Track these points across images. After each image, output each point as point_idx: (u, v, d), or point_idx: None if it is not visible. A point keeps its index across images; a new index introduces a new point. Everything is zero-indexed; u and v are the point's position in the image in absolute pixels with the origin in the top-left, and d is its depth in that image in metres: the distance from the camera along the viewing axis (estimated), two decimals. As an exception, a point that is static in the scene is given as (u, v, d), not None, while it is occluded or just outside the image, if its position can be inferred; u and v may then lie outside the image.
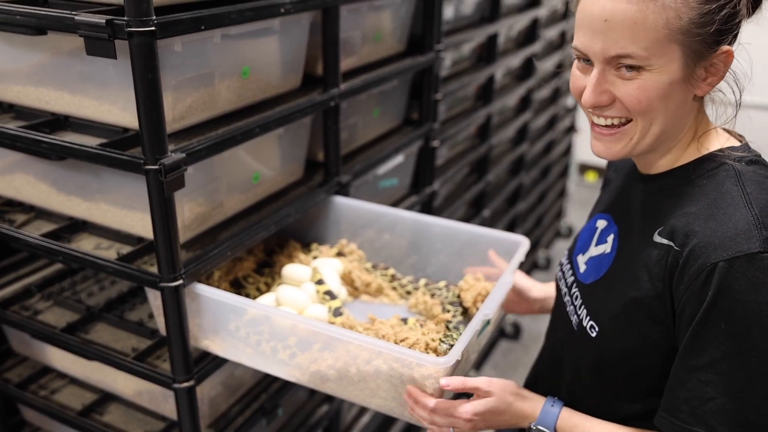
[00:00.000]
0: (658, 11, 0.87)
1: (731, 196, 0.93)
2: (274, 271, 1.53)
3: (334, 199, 1.64)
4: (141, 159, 1.12)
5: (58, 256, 1.32)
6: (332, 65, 1.54)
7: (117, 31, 1.04)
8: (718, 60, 0.93)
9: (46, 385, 1.60)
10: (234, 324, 1.25)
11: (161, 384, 1.30)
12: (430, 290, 1.49)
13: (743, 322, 0.87)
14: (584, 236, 1.21)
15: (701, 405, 0.90)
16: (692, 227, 0.93)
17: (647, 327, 0.99)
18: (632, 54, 0.90)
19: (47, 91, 1.30)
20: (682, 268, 0.92)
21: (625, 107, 0.94)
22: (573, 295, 1.16)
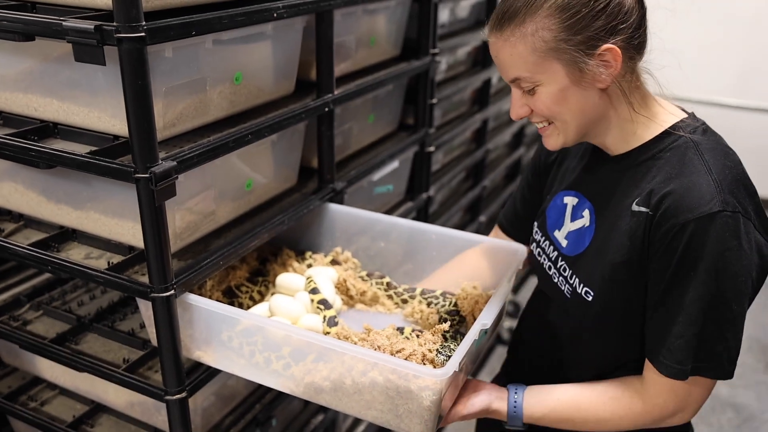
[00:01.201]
0: (524, 41, 1.07)
1: (693, 164, 1.10)
2: (267, 279, 1.51)
3: (329, 207, 1.62)
4: (131, 167, 1.09)
5: (47, 266, 1.29)
6: (326, 70, 1.52)
7: (106, 37, 1.01)
8: (605, 57, 1.07)
9: (35, 396, 1.57)
10: (227, 334, 1.23)
11: (153, 396, 1.28)
12: (427, 299, 1.46)
13: (708, 270, 1.05)
14: (553, 213, 1.32)
15: (674, 341, 1.09)
16: (663, 194, 1.09)
17: (635, 284, 1.14)
18: (520, 77, 1.11)
19: (35, 97, 1.28)
20: (655, 228, 1.09)
21: (539, 115, 1.15)
22: (560, 267, 1.27)
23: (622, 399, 1.18)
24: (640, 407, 1.16)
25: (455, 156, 2.65)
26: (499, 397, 1.23)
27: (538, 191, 1.43)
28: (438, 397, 1.08)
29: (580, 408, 1.20)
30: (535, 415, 1.22)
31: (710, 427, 2.93)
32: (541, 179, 1.42)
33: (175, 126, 1.23)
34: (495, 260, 1.46)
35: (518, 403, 1.22)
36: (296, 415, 1.75)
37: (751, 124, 4.74)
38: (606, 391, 1.20)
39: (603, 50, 1.06)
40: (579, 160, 1.31)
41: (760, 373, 3.27)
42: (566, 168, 1.35)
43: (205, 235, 1.37)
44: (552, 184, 1.37)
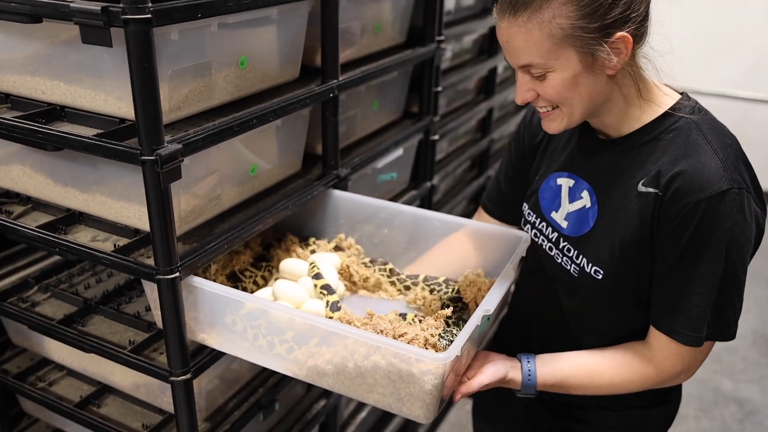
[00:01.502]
0: (541, 27, 1.07)
1: (698, 145, 1.15)
2: (271, 265, 1.52)
3: (333, 193, 1.63)
4: (137, 150, 1.10)
5: (54, 248, 1.31)
6: (331, 56, 1.52)
7: (112, 19, 1.03)
8: (617, 45, 1.09)
9: (44, 376, 1.59)
10: (231, 318, 1.24)
11: (158, 377, 1.30)
12: (430, 286, 1.47)
13: (720, 244, 1.12)
14: (547, 195, 1.36)
15: (690, 311, 1.16)
16: (672, 175, 1.14)
17: (644, 261, 1.20)
18: (532, 63, 1.11)
19: (43, 80, 1.29)
20: (666, 208, 1.14)
21: (546, 100, 1.17)
22: (563, 248, 1.31)
23: (633, 364, 1.24)
24: (651, 371, 1.23)
25: (460, 145, 2.65)
26: (513, 367, 1.26)
27: (523, 173, 1.45)
28: (440, 381, 1.09)
29: (592, 374, 1.25)
30: (548, 383, 1.25)
31: (713, 421, 2.92)
32: (525, 161, 1.44)
33: (181, 109, 1.24)
34: (498, 246, 1.46)
35: (532, 371, 1.25)
36: (299, 399, 1.76)
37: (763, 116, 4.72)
38: (616, 356, 1.25)
39: (617, 38, 1.08)
40: (568, 142, 1.34)
41: (765, 367, 3.27)
42: (554, 150, 1.37)
43: (209, 219, 1.38)
44: (540, 165, 1.40)
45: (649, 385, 1.25)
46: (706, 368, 3.24)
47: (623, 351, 1.26)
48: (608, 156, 1.25)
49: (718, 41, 4.67)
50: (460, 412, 2.94)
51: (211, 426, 1.44)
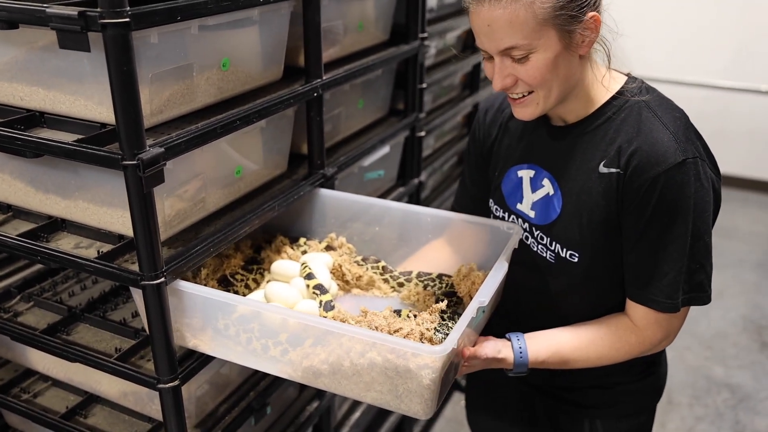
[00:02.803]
0: (524, 8, 1.10)
1: (650, 122, 1.21)
2: (262, 267, 1.50)
3: (321, 192, 1.61)
4: (118, 154, 1.08)
5: (36, 256, 1.28)
6: (314, 55, 1.51)
7: (90, 24, 1.00)
8: (588, 25, 1.15)
9: (28, 388, 1.57)
10: (223, 322, 1.22)
11: (145, 385, 1.28)
12: (423, 281, 1.46)
13: (680, 212, 1.18)
14: (510, 188, 1.40)
15: (661, 280, 1.21)
16: (630, 153, 1.20)
17: (615, 238, 1.26)
18: (515, 45, 1.13)
19: (21, 86, 1.26)
20: (627, 185, 1.20)
21: (526, 84, 1.19)
22: (537, 236, 1.36)
23: (616, 334, 1.28)
24: (633, 339, 1.28)
25: (447, 141, 2.64)
26: (505, 345, 1.27)
27: (487, 172, 1.48)
28: (437, 375, 1.08)
29: (580, 347, 1.28)
30: (539, 359, 1.27)
31: (707, 408, 2.94)
32: (485, 159, 1.48)
33: (163, 113, 1.22)
34: (490, 239, 1.45)
35: (523, 348, 1.26)
36: (291, 401, 1.75)
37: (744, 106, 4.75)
38: (600, 328, 1.30)
39: (589, 17, 1.15)
40: (523, 134, 1.39)
41: (755, 353, 3.29)
42: (509, 144, 1.41)
43: (195, 222, 1.36)
44: (498, 162, 1.44)
45: (634, 353, 1.29)
46: (698, 355, 3.26)
47: (606, 322, 1.30)
48: (565, 142, 1.30)
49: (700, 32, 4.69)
50: (456, 407, 2.94)
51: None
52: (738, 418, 2.88)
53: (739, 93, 4.76)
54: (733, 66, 4.71)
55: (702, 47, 4.71)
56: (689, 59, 4.74)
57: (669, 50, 4.70)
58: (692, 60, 4.75)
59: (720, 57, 4.72)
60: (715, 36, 4.67)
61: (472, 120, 2.74)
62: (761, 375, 3.15)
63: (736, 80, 4.74)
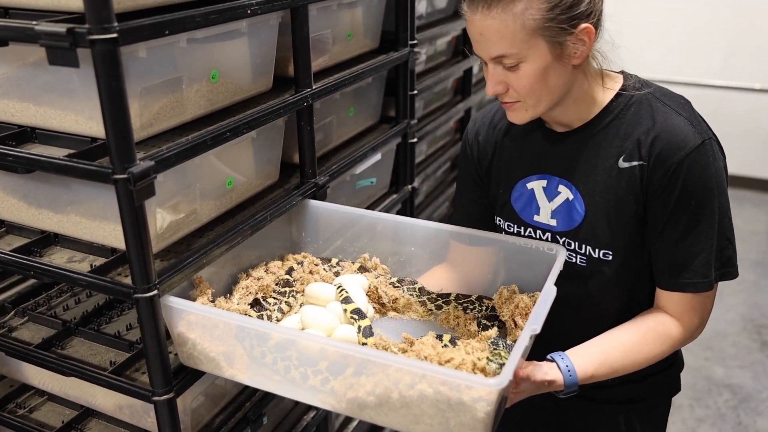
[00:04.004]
0: (514, 19, 1.13)
1: (661, 111, 1.25)
2: (295, 290, 1.44)
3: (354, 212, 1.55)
4: (109, 168, 1.09)
5: (30, 271, 1.29)
6: (303, 65, 1.52)
7: (78, 40, 1.01)
8: (581, 36, 1.17)
9: (23, 403, 1.57)
10: (259, 350, 1.16)
11: (140, 398, 1.28)
12: (462, 304, 1.40)
13: (705, 193, 1.21)
14: (522, 202, 1.39)
15: (693, 261, 1.24)
16: (649, 143, 1.23)
17: (644, 228, 1.28)
18: (505, 54, 1.16)
19: (13, 103, 1.27)
20: (651, 173, 1.23)
21: (516, 93, 1.21)
22: (562, 243, 1.36)
23: (656, 330, 1.28)
24: (674, 330, 1.28)
25: (440, 146, 2.65)
26: (551, 367, 1.23)
27: (487, 191, 1.46)
28: (492, 408, 1.02)
29: (625, 352, 1.27)
30: (588, 373, 1.24)
31: (708, 409, 2.94)
32: (484, 179, 1.46)
33: (153, 126, 1.23)
34: (530, 260, 1.37)
35: (570, 367, 1.23)
36: (288, 412, 1.75)
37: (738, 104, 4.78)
38: (639, 329, 1.29)
39: (581, 29, 1.16)
40: (524, 147, 1.38)
41: (755, 352, 3.30)
42: (510, 159, 1.40)
43: (187, 234, 1.37)
44: (500, 179, 1.42)
45: (677, 345, 1.29)
46: (698, 356, 3.26)
47: (643, 321, 1.30)
48: (574, 146, 1.31)
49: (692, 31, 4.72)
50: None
51: (197, 444, 1.43)
52: (740, 419, 2.88)
53: (733, 91, 4.79)
54: (726, 65, 4.73)
55: (694, 46, 4.74)
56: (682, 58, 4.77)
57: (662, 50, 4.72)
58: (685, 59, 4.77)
59: (712, 56, 4.75)
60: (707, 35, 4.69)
61: (465, 125, 2.76)
62: (762, 375, 3.14)
63: (729, 79, 4.76)
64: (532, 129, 1.37)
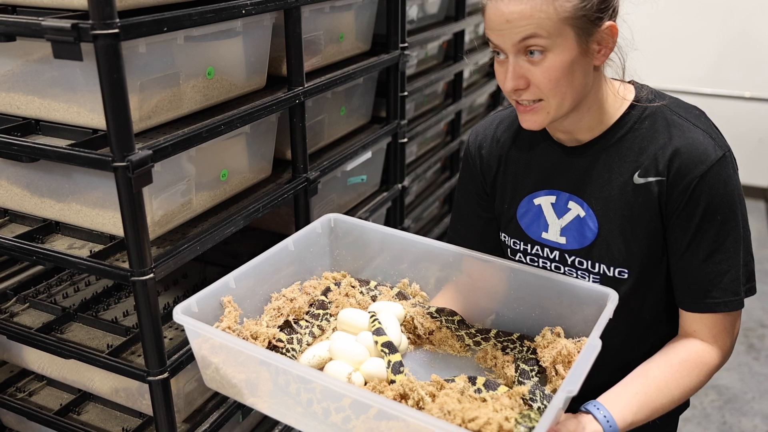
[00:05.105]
0: (546, 4, 1.06)
1: (678, 125, 1.19)
2: (329, 313, 1.36)
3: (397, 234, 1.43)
4: (109, 157, 1.15)
5: (32, 257, 1.35)
6: (296, 64, 1.58)
7: (82, 35, 1.07)
8: (606, 33, 1.12)
9: (23, 387, 1.63)
10: (284, 378, 1.10)
11: (136, 378, 1.34)
12: (502, 342, 1.30)
13: (730, 207, 1.16)
14: (528, 218, 1.32)
15: (722, 279, 1.18)
16: (667, 157, 1.17)
17: (662, 247, 1.22)
18: (534, 33, 1.07)
19: (18, 96, 1.33)
20: (671, 188, 1.17)
21: (538, 89, 1.12)
22: (572, 263, 1.29)
23: (690, 359, 1.20)
24: (708, 356, 1.20)
25: (430, 148, 2.72)
26: (589, 420, 1.12)
27: (491, 207, 1.39)
28: None
29: (662, 389, 1.17)
30: (627, 420, 1.14)
31: (693, 409, 2.97)
32: (488, 194, 1.39)
33: (151, 118, 1.29)
34: (580, 301, 1.25)
35: (609, 417, 1.13)
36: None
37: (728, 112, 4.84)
38: (671, 361, 1.20)
39: (606, 26, 1.11)
40: (529, 162, 1.31)
41: (742, 354, 3.33)
42: (515, 173, 1.33)
43: (182, 223, 1.43)
44: (505, 194, 1.35)
45: (714, 371, 1.21)
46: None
47: (674, 351, 1.21)
48: (586, 160, 1.25)
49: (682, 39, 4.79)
50: None
51: (190, 427, 1.48)
52: (725, 419, 2.92)
53: (723, 99, 4.86)
54: (715, 72, 4.81)
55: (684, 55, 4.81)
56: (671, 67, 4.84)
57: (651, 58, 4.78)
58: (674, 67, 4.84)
59: (702, 64, 4.82)
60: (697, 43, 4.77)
61: (455, 127, 2.83)
62: (748, 377, 3.18)
63: (719, 87, 4.84)
64: (538, 142, 1.30)
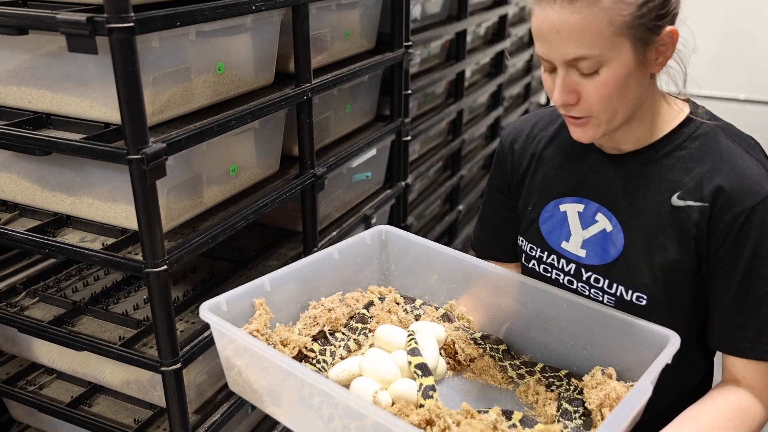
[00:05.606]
0: (601, 14, 0.96)
1: (732, 150, 1.09)
2: (368, 328, 1.30)
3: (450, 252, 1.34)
4: (124, 149, 1.17)
5: (45, 249, 1.36)
6: (303, 60, 1.60)
7: (97, 28, 1.09)
8: (665, 40, 1.02)
9: (33, 380, 1.64)
10: (308, 389, 1.05)
11: (149, 368, 1.35)
12: (547, 378, 1.20)
13: None
14: (550, 224, 1.24)
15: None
16: (716, 183, 1.07)
17: (690, 278, 1.11)
18: (586, 55, 0.99)
19: (29, 90, 1.35)
20: (716, 219, 1.07)
21: (588, 105, 1.04)
22: (587, 279, 1.19)
23: (742, 407, 1.09)
24: (759, 410, 1.10)
25: (432, 146, 2.74)
26: None
27: (514, 209, 1.34)
28: None
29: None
30: None
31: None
32: (514, 193, 1.33)
33: (163, 113, 1.31)
34: (637, 341, 1.12)
35: None
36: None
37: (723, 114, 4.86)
38: (721, 408, 1.09)
39: (666, 32, 1.02)
40: (565, 164, 1.23)
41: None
42: (545, 176, 1.26)
43: (193, 217, 1.45)
44: (531, 195, 1.28)
45: (764, 423, 1.11)
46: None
47: (722, 397, 1.10)
48: (625, 172, 1.16)
49: (678, 42, 4.82)
50: None
51: (200, 418, 1.50)
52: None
53: (717, 102, 4.89)
54: (710, 75, 4.84)
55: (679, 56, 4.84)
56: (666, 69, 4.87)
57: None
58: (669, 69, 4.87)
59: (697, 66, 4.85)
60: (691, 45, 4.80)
61: (457, 126, 2.85)
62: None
63: (713, 89, 4.87)
64: (575, 145, 1.19)
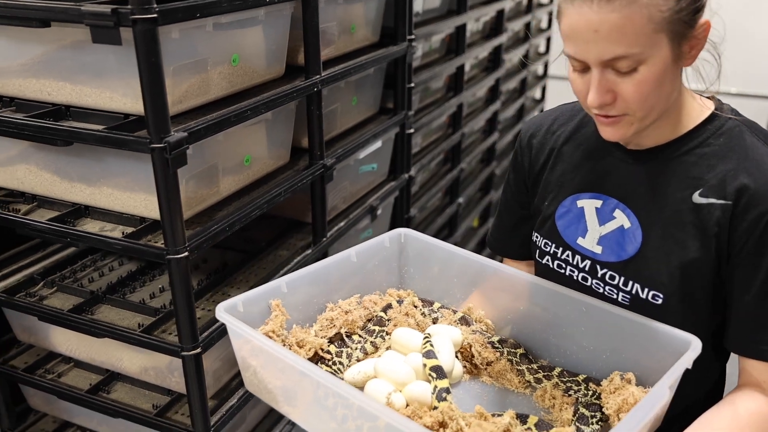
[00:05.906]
0: (640, 11, 0.95)
1: (757, 147, 1.08)
2: (385, 330, 1.31)
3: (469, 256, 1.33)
4: (146, 138, 1.20)
5: (66, 238, 1.39)
6: (313, 53, 1.64)
7: (122, 19, 1.13)
8: (699, 33, 1.02)
9: (52, 369, 1.67)
10: (323, 390, 1.05)
11: (169, 353, 1.39)
12: (565, 383, 1.19)
13: None
14: (567, 220, 1.23)
15: None
16: (740, 181, 1.05)
17: (709, 278, 1.10)
18: (626, 54, 0.97)
19: (49, 82, 1.38)
20: (740, 217, 1.05)
21: (626, 103, 1.02)
22: (603, 276, 1.18)
23: (762, 413, 1.08)
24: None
25: (433, 139, 2.78)
26: None
27: (529, 204, 1.33)
28: None
29: None
30: None
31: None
32: (530, 189, 1.31)
33: (182, 103, 1.34)
34: (658, 346, 1.10)
35: None
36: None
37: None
38: (739, 413, 1.07)
39: (700, 24, 1.01)
40: (584, 159, 1.22)
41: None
42: (564, 170, 1.25)
43: (210, 206, 1.48)
44: (548, 191, 1.26)
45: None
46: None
47: (742, 401, 1.09)
48: (645, 168, 1.14)
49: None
50: None
51: (218, 402, 1.53)
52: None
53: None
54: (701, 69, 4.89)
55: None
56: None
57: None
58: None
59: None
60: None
61: (457, 120, 2.89)
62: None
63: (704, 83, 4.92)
64: (595, 140, 1.19)
